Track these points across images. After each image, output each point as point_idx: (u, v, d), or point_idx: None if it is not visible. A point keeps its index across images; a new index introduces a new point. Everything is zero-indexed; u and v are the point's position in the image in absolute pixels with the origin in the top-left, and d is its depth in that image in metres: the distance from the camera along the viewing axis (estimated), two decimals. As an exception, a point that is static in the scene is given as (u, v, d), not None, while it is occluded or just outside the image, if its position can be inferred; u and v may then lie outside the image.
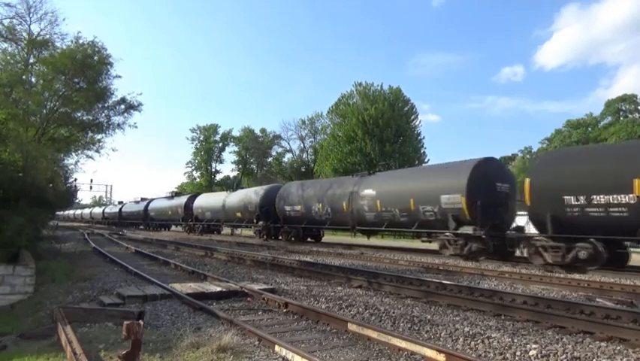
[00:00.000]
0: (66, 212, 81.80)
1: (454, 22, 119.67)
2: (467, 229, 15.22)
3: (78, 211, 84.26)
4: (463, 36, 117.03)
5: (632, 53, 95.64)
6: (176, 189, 73.34)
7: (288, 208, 24.90)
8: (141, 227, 50.76)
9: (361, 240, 24.40)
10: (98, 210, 73.96)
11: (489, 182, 15.67)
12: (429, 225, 16.87)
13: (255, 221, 27.92)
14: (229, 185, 38.59)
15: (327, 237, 28.80)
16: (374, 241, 27.52)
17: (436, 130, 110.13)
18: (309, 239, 25.62)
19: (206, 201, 36.05)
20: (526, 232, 14.84)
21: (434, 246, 17.80)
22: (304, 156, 69.86)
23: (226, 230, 36.97)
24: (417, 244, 22.78)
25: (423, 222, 17.05)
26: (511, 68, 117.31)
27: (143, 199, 55.50)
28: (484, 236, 14.76)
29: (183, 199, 40.21)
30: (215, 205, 33.60)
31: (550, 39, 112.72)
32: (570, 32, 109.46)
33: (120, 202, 65.46)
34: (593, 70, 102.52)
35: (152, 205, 47.87)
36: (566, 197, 12.17)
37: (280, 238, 26.18)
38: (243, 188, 34.90)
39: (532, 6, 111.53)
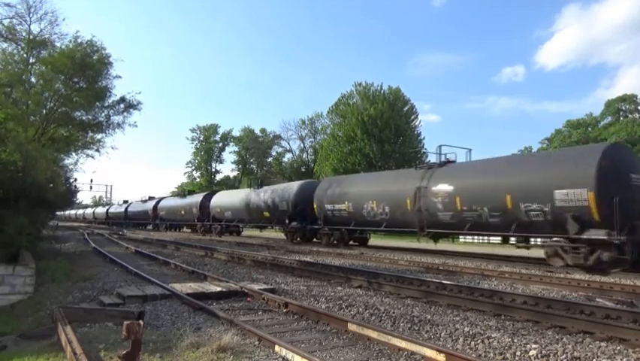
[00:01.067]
0: (66, 212, 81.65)
1: (454, 22, 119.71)
2: (597, 233, 11.98)
3: (80, 211, 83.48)
4: (463, 36, 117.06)
5: (633, 53, 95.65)
6: (176, 189, 73.40)
7: (330, 207, 21.64)
8: (149, 227, 49.10)
9: (427, 245, 21.53)
10: (101, 210, 71.64)
11: (622, 173, 12.54)
12: (532, 227, 13.63)
13: (287, 222, 24.67)
14: (253, 182, 34.69)
15: (376, 240, 26.10)
16: (374, 241, 27.45)
17: (437, 130, 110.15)
18: (350, 242, 22.31)
19: (226, 199, 33.03)
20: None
21: (534, 252, 15.55)
22: (304, 156, 69.91)
23: (248, 231, 34.81)
24: (417, 244, 22.77)
25: (524, 224, 13.76)
26: (512, 68, 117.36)
27: (150, 198, 53.21)
28: (622, 243, 11.59)
29: (198, 198, 37.60)
30: (236, 204, 30.74)
31: (551, 39, 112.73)
32: (571, 32, 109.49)
33: (125, 201, 63.12)
34: (593, 70, 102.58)
35: (162, 204, 45.56)
36: None
37: (319, 240, 23.19)
38: (267, 185, 31.65)
39: (533, 6, 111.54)
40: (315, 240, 24.14)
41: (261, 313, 7.00)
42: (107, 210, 66.74)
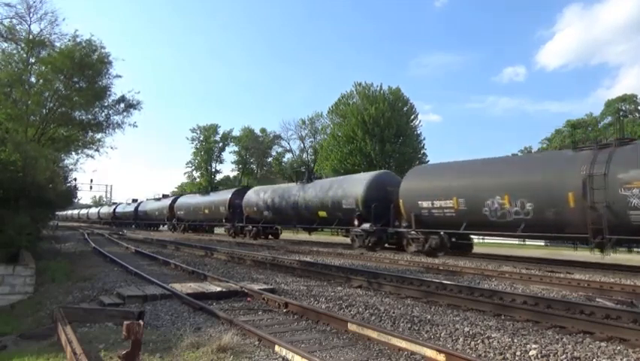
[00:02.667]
0: (67, 212, 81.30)
1: (455, 23, 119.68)
2: None
3: (83, 211, 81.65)
4: (464, 36, 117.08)
5: (634, 53, 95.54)
6: (176, 189, 73.38)
7: (426, 204, 16.69)
8: (162, 228, 46.21)
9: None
10: (106, 209, 67.23)
11: None
12: None
13: (356, 223, 19.98)
14: (298, 175, 29.58)
15: (480, 248, 20.96)
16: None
17: (437, 130, 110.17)
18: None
19: (264, 196, 28.05)
20: None
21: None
22: (304, 156, 69.89)
23: (290, 233, 30.62)
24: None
25: None
26: (514, 68, 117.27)
27: (165, 196, 49.75)
28: None
29: (226, 195, 33.17)
30: (279, 202, 26.26)
31: (552, 39, 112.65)
32: (572, 32, 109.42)
33: (135, 200, 58.86)
34: (594, 70, 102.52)
35: (180, 203, 41.20)
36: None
37: (410, 248, 17.69)
38: (319, 178, 27.35)
39: (534, 6, 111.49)
40: (387, 245, 20.02)
41: (261, 313, 7.00)
42: (114, 209, 62.18)
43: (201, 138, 78.38)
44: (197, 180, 78.56)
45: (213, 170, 79.31)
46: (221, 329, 5.70)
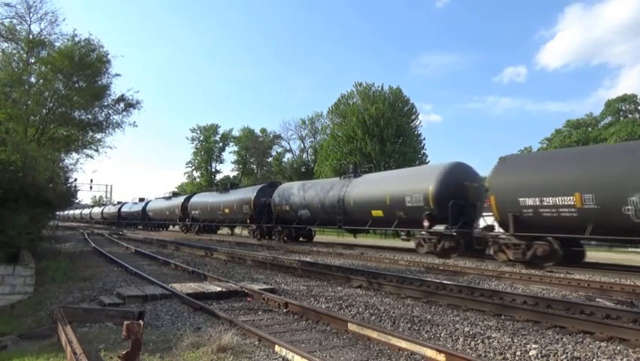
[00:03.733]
0: (66, 212, 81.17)
1: (456, 23, 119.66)
2: None
3: (85, 211, 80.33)
4: (465, 36, 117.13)
5: (635, 53, 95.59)
6: (176, 189, 73.32)
7: (531, 202, 13.28)
8: (173, 228, 43.81)
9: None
10: (111, 209, 64.32)
11: None
12: None
13: (426, 224, 16.62)
14: (342, 169, 25.96)
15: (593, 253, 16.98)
16: (374, 240, 27.31)
17: (438, 130, 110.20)
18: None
19: (300, 193, 24.68)
20: None
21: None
22: (304, 156, 69.98)
23: (322, 236, 27.83)
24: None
25: None
26: (515, 68, 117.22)
27: (175, 194, 47.39)
28: None
29: (249, 193, 29.52)
30: (321, 200, 22.67)
31: (553, 39, 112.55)
32: (573, 32, 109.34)
33: (141, 199, 56.17)
34: (595, 70, 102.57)
35: (194, 202, 38.00)
36: None
37: (501, 256, 14.19)
38: (368, 172, 23.12)
39: (535, 6, 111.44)
40: (463, 252, 15.87)
41: (261, 313, 7.00)
42: (119, 208, 59.15)
43: (201, 138, 78.53)
44: (197, 180, 78.62)
45: (213, 170, 79.44)
46: (222, 329, 5.70)
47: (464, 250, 15.68)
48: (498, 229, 15.12)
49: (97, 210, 72.75)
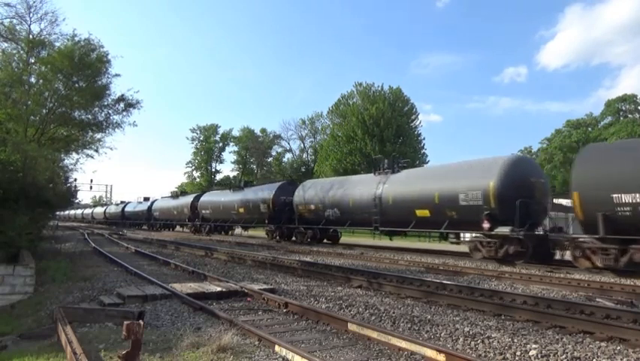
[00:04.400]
0: (68, 212, 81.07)
1: (457, 23, 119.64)
2: None
3: (87, 211, 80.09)
4: (466, 36, 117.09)
5: (635, 53, 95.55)
6: (176, 189, 73.21)
7: (628, 199, 11.34)
8: (182, 228, 41.93)
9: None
10: (114, 208, 62.60)
11: None
12: None
13: (486, 225, 14.53)
14: (376, 164, 22.98)
15: None
16: (374, 240, 27.23)
17: (438, 130, 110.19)
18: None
19: (327, 191, 22.60)
20: None
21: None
22: (304, 156, 70.01)
23: (350, 237, 26.19)
24: (416, 243, 22.76)
25: None
26: (515, 68, 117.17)
27: (183, 193, 45.21)
28: None
29: (268, 192, 27.26)
30: (352, 198, 20.68)
31: (554, 39, 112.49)
32: (573, 33, 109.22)
33: (146, 198, 54.23)
34: (595, 70, 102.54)
35: (205, 201, 35.75)
36: None
37: (583, 262, 12.40)
38: (405, 167, 20.70)
39: (535, 6, 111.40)
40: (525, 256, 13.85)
41: (261, 313, 7.00)
42: (123, 208, 57.33)
43: (201, 138, 78.54)
44: (197, 180, 78.63)
45: (213, 170, 79.45)
46: (222, 329, 5.69)
47: (530, 255, 13.77)
48: (570, 231, 14.03)
49: (99, 209, 71.37)
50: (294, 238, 25.03)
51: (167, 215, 43.62)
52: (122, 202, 63.33)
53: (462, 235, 17.60)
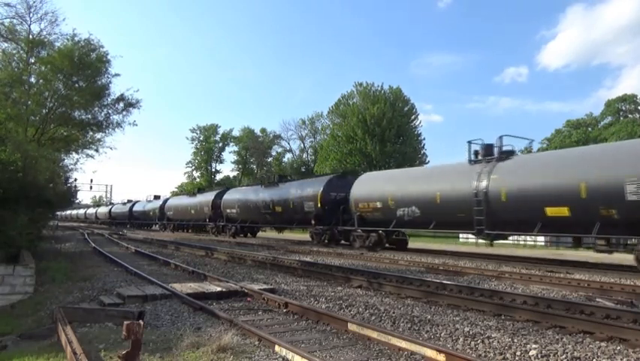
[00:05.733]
0: (68, 212, 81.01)
1: (458, 23, 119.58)
2: None
3: (81, 211, 79.89)
4: (467, 37, 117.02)
5: (636, 53, 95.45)
6: (176, 189, 73.27)
7: None
8: (200, 233, 36.34)
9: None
10: (121, 207, 59.05)
11: None
12: None
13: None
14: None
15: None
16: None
17: (439, 130, 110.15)
18: None
19: (399, 185, 18.66)
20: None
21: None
22: (304, 156, 70.04)
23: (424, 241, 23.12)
24: (416, 243, 22.76)
25: None
26: (516, 68, 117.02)
27: (200, 190, 41.57)
28: None
29: (313, 187, 23.05)
30: (433, 194, 16.63)
31: (555, 39, 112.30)
32: (574, 33, 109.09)
33: (156, 197, 50.42)
34: (596, 70, 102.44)
35: (228, 199, 31.90)
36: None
37: None
38: (512, 152, 15.86)
39: (537, 6, 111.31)
40: None
41: (261, 313, 7.00)
42: (131, 207, 53.86)
43: (201, 138, 78.60)
44: (197, 180, 78.67)
45: (213, 170, 79.49)
46: (222, 329, 5.69)
47: None
48: None
49: (103, 209, 68.33)
50: (342, 242, 21.58)
51: (184, 215, 39.63)
52: (128, 201, 60.02)
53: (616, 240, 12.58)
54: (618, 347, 5.14)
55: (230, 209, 31.33)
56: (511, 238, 18.06)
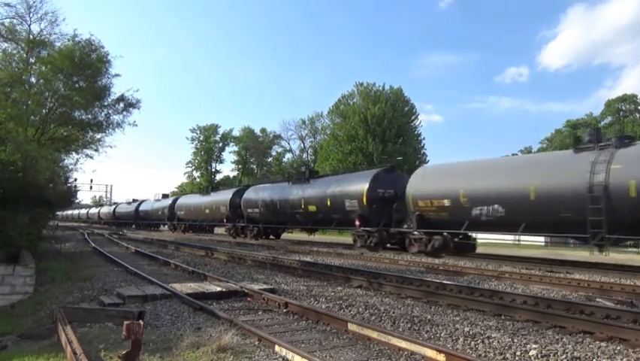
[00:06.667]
0: (68, 212, 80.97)
1: (459, 23, 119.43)
2: None
3: (83, 211, 79.27)
4: (467, 37, 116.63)
5: (637, 54, 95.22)
6: (176, 189, 73.24)
7: None
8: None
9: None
10: (126, 207, 57.02)
11: None
12: None
13: None
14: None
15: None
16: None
17: (439, 130, 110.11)
18: None
19: (481, 177, 15.62)
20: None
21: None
22: (304, 156, 70.02)
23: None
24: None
25: None
26: (517, 68, 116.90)
27: (216, 188, 39.25)
28: None
29: (355, 184, 20.25)
30: (526, 189, 13.78)
31: (555, 39, 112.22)
32: (575, 33, 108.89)
33: (165, 195, 48.33)
34: (597, 70, 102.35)
35: (249, 198, 29.11)
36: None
37: None
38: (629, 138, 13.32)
39: (538, 7, 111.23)
40: None
41: (261, 313, 7.00)
42: (137, 207, 51.09)
43: (201, 138, 78.58)
44: (197, 180, 78.69)
45: (213, 170, 79.50)
46: (222, 329, 5.69)
47: None
48: None
49: (107, 209, 66.36)
50: (391, 245, 18.90)
51: (197, 215, 37.18)
52: (134, 200, 57.43)
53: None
54: (618, 347, 5.14)
55: (252, 208, 28.61)
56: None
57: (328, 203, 21.66)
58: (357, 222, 19.80)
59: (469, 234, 16.97)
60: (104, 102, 23.30)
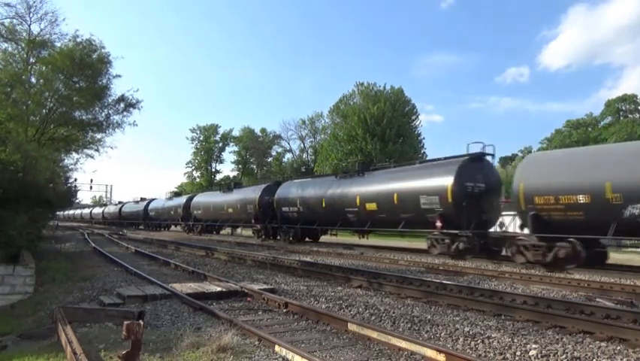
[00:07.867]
0: (68, 212, 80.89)
1: (460, 23, 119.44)
2: None
3: (85, 211, 78.28)
4: (468, 37, 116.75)
5: (638, 54, 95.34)
6: (176, 189, 73.16)
7: None
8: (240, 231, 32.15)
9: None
10: (133, 206, 54.32)
11: None
12: None
13: None
14: None
15: None
16: (374, 240, 26.86)
17: (439, 130, 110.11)
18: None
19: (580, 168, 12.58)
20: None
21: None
22: (304, 156, 70.05)
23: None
24: (417, 243, 22.76)
25: None
26: (518, 68, 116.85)
27: (237, 185, 35.86)
28: None
29: (436, 178, 16.56)
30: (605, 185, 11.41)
31: (556, 39, 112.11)
32: (576, 33, 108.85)
33: (177, 194, 47.14)
34: (597, 70, 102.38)
35: (283, 196, 25.62)
36: None
37: None
38: None
39: (539, 7, 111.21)
40: None
41: (261, 313, 7.00)
42: (146, 206, 48.41)
43: (201, 138, 78.58)
44: (198, 180, 78.69)
45: (213, 170, 79.49)
46: (222, 329, 5.69)
47: None
48: None
49: (112, 208, 63.00)
50: (486, 251, 15.44)
51: (216, 214, 33.50)
52: (142, 199, 54.03)
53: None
54: (618, 347, 5.15)
55: (289, 207, 24.82)
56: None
57: (395, 200, 17.92)
58: (438, 223, 16.18)
59: (607, 241, 13.19)
60: (104, 102, 23.33)
